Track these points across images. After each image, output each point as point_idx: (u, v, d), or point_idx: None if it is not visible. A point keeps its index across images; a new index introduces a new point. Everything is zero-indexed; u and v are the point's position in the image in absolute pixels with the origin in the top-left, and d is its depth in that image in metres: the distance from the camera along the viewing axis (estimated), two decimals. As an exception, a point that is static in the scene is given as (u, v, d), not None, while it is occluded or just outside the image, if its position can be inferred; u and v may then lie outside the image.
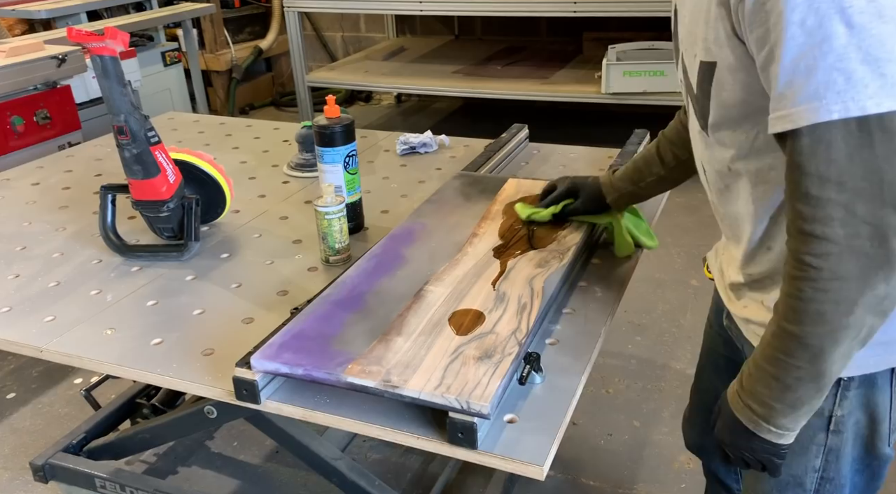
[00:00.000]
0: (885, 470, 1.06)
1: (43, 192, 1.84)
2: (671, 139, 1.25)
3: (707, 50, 0.85)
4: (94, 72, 1.36)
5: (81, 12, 3.79)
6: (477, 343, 1.03)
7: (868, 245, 0.74)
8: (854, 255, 0.75)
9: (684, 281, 2.90)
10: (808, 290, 0.78)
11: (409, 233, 1.39)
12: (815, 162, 0.74)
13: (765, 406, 0.87)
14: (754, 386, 0.87)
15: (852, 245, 0.75)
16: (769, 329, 0.85)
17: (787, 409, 0.85)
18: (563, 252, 1.28)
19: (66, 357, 1.19)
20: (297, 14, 4.35)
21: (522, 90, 4.02)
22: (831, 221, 0.74)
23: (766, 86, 0.79)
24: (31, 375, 2.54)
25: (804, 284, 0.78)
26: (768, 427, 0.88)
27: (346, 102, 5.48)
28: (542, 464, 0.89)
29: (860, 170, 0.72)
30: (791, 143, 0.75)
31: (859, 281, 0.75)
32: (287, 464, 2.08)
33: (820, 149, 0.73)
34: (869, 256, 0.75)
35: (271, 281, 1.37)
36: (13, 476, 2.08)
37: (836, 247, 0.75)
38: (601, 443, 2.12)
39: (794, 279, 0.79)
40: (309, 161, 1.85)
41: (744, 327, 1.06)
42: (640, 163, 1.30)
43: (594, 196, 1.35)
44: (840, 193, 0.73)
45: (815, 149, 0.73)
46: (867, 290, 0.76)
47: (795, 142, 0.75)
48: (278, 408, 1.03)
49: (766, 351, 0.85)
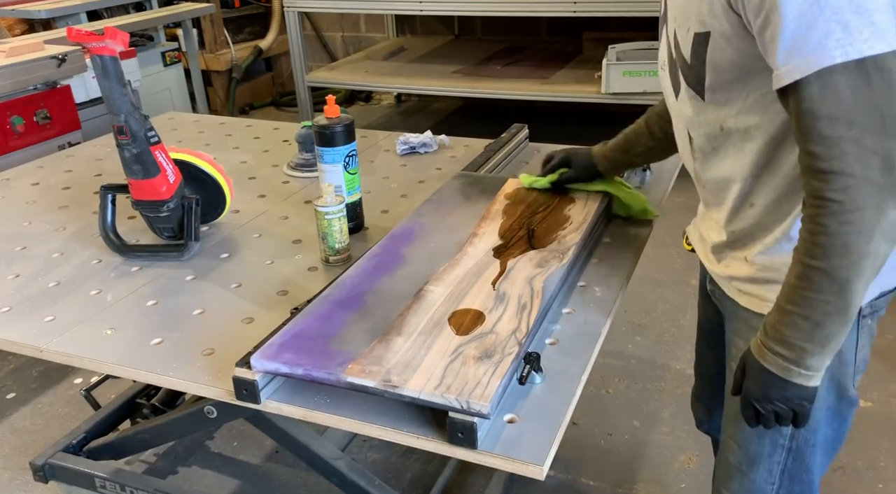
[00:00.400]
0: (851, 416, 1.15)
1: (43, 192, 1.84)
2: (661, 114, 1.33)
3: (701, 22, 0.94)
4: (94, 72, 1.36)
5: (81, 12, 3.79)
6: (477, 343, 1.03)
7: (879, 174, 0.82)
8: (868, 185, 0.82)
9: (684, 281, 2.90)
10: (833, 224, 0.84)
11: (409, 232, 1.39)
12: (825, 105, 0.82)
13: (795, 349, 0.91)
14: (782, 332, 0.92)
15: (866, 175, 0.82)
16: (791, 274, 0.91)
17: (817, 348, 0.90)
18: (563, 252, 1.28)
19: (66, 357, 1.19)
20: (297, 14, 4.35)
21: (522, 90, 4.02)
22: (845, 156, 0.82)
23: (761, 49, 0.88)
24: (31, 375, 2.54)
25: (828, 219, 0.84)
26: (799, 370, 0.92)
27: (346, 102, 5.48)
28: (542, 464, 0.89)
29: (864, 106, 0.81)
30: (799, 94, 0.84)
31: (875, 209, 0.83)
32: (287, 464, 2.08)
33: (828, 93, 0.82)
34: (880, 185, 0.82)
35: (271, 281, 1.37)
36: (13, 476, 2.08)
37: (853, 180, 0.83)
38: (601, 443, 2.12)
39: (817, 216, 0.85)
40: (309, 161, 1.85)
41: (726, 285, 1.15)
42: (631, 136, 1.41)
43: (587, 165, 1.47)
44: (850, 130, 0.82)
45: (823, 93, 0.82)
46: (882, 217, 0.83)
47: (804, 91, 0.83)
48: (278, 408, 1.03)
49: (791, 294, 0.91)
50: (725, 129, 1.01)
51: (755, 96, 0.95)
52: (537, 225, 1.39)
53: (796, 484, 1.16)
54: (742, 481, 1.20)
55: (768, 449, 1.14)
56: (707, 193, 1.14)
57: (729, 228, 1.10)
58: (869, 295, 1.03)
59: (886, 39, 0.80)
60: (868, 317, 1.07)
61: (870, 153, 0.82)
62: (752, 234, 1.06)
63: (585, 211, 1.43)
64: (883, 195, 0.83)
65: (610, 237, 1.45)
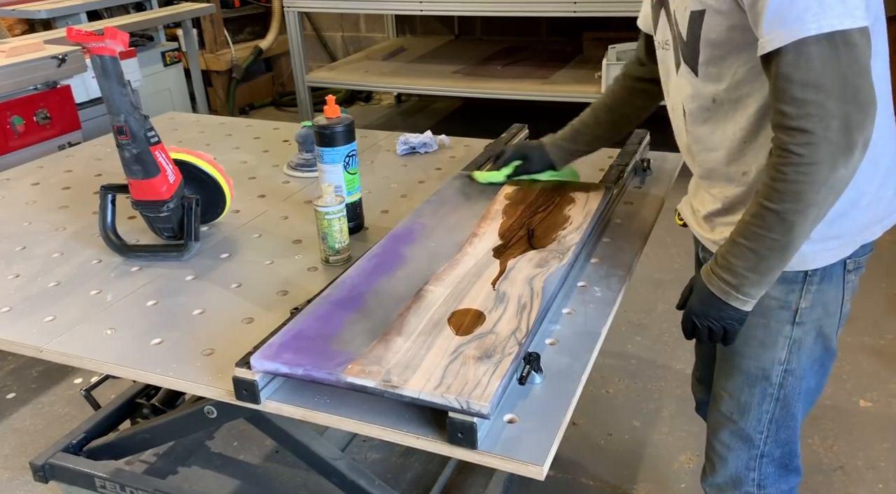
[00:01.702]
0: (831, 366, 1.26)
1: (43, 192, 1.84)
2: (609, 106, 1.48)
3: (698, 0, 1.04)
4: (93, 72, 1.36)
5: (81, 12, 3.79)
6: (477, 343, 1.03)
7: (836, 136, 0.94)
8: (827, 143, 0.94)
9: (684, 281, 2.86)
10: (791, 173, 0.96)
11: (409, 232, 1.39)
12: (798, 71, 0.93)
13: (738, 276, 1.05)
14: (730, 261, 1.05)
15: (826, 136, 0.94)
16: (747, 212, 1.04)
17: (757, 277, 1.04)
18: (563, 252, 1.28)
19: (66, 357, 1.19)
20: (297, 14, 4.35)
21: (522, 90, 4.02)
22: (811, 117, 0.94)
23: (752, 23, 0.97)
24: (31, 375, 2.54)
25: (788, 168, 0.96)
26: (737, 295, 1.07)
27: (346, 102, 5.47)
28: (541, 464, 0.89)
29: (830, 74, 0.92)
30: (778, 60, 0.95)
31: (829, 164, 0.95)
32: (287, 464, 2.08)
33: (801, 60, 0.93)
34: (836, 144, 0.94)
35: (271, 281, 1.37)
36: (13, 476, 2.08)
37: (815, 137, 0.94)
38: (601, 443, 2.12)
39: (780, 165, 0.97)
40: (309, 161, 1.85)
41: (713, 249, 1.19)
42: (579, 126, 1.52)
43: (541, 156, 1.55)
44: (817, 94, 0.93)
45: (798, 60, 0.93)
46: (832, 173, 0.95)
47: (782, 58, 0.94)
48: (278, 408, 1.03)
49: (744, 229, 1.03)
50: (717, 101, 1.11)
51: (744, 70, 1.05)
52: (537, 225, 1.39)
53: (783, 431, 1.27)
54: (733, 430, 1.29)
55: (758, 398, 1.24)
56: (699, 167, 1.22)
57: (723, 195, 1.17)
58: (851, 251, 1.14)
59: (854, 17, 0.91)
60: (852, 272, 1.17)
61: (831, 116, 0.93)
62: (744, 202, 1.12)
63: (585, 211, 1.44)
64: (837, 154, 0.94)
65: (610, 237, 1.45)
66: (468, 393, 0.92)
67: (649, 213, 1.56)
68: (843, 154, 0.94)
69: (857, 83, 0.93)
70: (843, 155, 0.94)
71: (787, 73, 0.94)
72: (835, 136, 0.94)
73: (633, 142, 1.82)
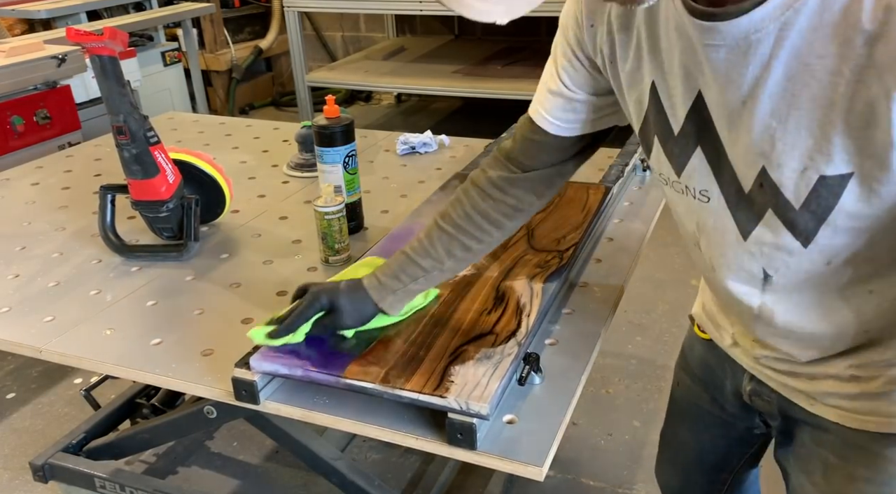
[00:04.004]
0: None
1: (43, 192, 1.84)
2: (459, 231, 1.04)
3: (841, 161, 0.71)
4: (93, 72, 1.36)
5: (81, 12, 3.78)
6: (476, 343, 1.03)
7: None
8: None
9: (684, 281, 2.90)
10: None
11: (409, 233, 1.39)
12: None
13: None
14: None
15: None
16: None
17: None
18: (562, 252, 1.28)
19: (66, 357, 1.19)
20: (297, 14, 4.35)
21: (522, 90, 4.02)
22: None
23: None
24: (31, 375, 2.54)
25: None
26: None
27: (346, 102, 5.47)
28: (541, 465, 0.89)
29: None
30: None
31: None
32: (287, 464, 2.08)
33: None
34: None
35: (271, 281, 1.37)
36: (13, 476, 2.08)
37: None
38: (601, 443, 2.12)
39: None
40: (309, 161, 1.85)
41: (804, 400, 0.96)
42: (421, 257, 1.05)
43: (360, 303, 1.05)
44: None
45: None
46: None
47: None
48: (277, 409, 1.03)
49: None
50: (834, 264, 0.81)
51: (888, 224, 0.75)
52: (537, 225, 1.39)
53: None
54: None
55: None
56: (774, 328, 0.91)
57: (822, 354, 0.90)
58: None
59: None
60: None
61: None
62: (864, 352, 0.88)
63: (585, 211, 1.43)
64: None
65: (610, 237, 1.45)
66: (467, 394, 0.92)
67: (649, 213, 1.56)
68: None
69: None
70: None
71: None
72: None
73: (632, 142, 1.82)
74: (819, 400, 0.94)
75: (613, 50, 0.87)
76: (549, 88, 0.98)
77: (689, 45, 0.76)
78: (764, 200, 0.78)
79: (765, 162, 0.76)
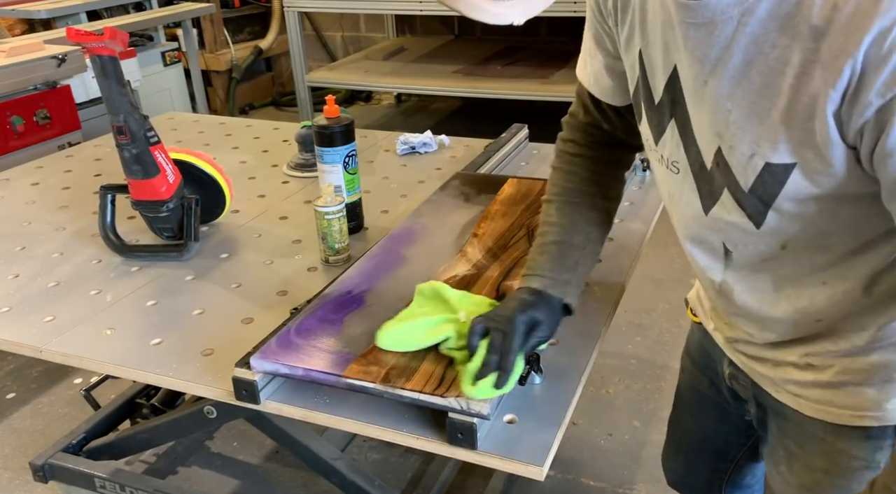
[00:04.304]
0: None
1: (43, 192, 1.84)
2: (585, 193, 1.08)
3: (786, 151, 0.73)
4: (93, 72, 1.36)
5: (81, 12, 3.78)
6: (477, 343, 1.03)
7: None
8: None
9: (684, 281, 2.90)
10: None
11: (409, 232, 1.39)
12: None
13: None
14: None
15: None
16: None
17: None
18: (562, 252, 1.28)
19: (66, 357, 1.19)
20: (297, 14, 4.35)
21: (522, 90, 4.02)
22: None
23: (872, 167, 0.70)
24: (31, 375, 2.54)
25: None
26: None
27: (346, 102, 5.47)
28: (541, 465, 0.89)
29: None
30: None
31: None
32: (287, 464, 2.08)
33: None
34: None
35: (271, 281, 1.37)
36: (13, 476, 2.08)
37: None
38: (601, 443, 2.12)
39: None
40: (309, 161, 1.85)
41: (769, 384, 0.99)
42: (564, 244, 1.05)
43: (548, 309, 1.01)
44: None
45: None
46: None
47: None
48: (278, 409, 1.03)
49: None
50: (789, 249, 0.83)
51: (837, 214, 0.77)
52: (537, 225, 1.39)
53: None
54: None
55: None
56: (735, 307, 0.95)
57: (784, 338, 0.93)
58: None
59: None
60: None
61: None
62: (818, 341, 0.90)
63: (585, 211, 1.43)
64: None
65: (610, 237, 1.45)
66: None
67: (649, 213, 1.56)
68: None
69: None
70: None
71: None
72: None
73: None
74: (782, 387, 0.96)
75: (617, 15, 0.92)
76: (587, 50, 1.06)
77: (669, 20, 0.80)
78: (721, 179, 0.81)
79: (720, 142, 0.79)
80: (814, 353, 0.91)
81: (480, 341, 0.95)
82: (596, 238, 1.08)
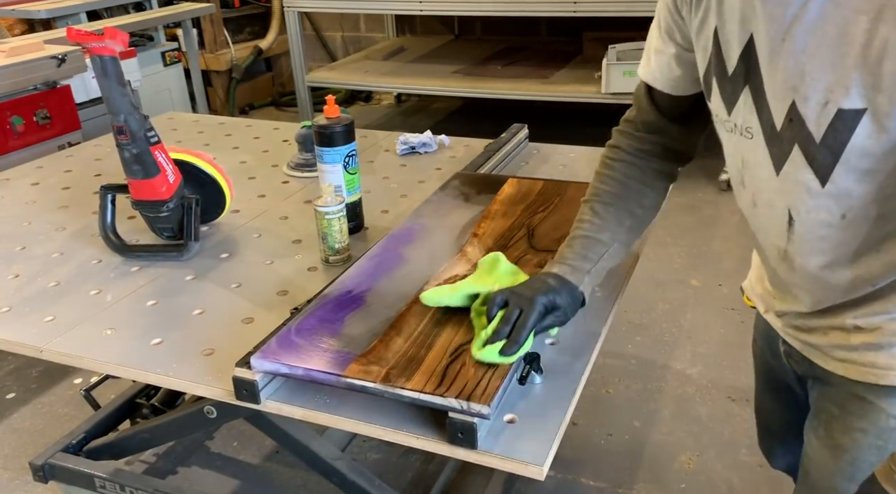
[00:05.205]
0: None
1: (43, 192, 1.84)
2: (620, 195, 1.12)
3: (858, 96, 0.78)
4: (93, 72, 1.36)
5: (81, 12, 3.79)
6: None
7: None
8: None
9: (684, 281, 2.90)
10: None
11: (409, 232, 1.39)
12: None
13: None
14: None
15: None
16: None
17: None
18: (563, 252, 1.28)
19: (66, 357, 1.19)
20: (297, 14, 4.35)
21: (522, 90, 4.02)
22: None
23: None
24: (31, 375, 2.54)
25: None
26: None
27: (346, 102, 5.47)
28: (542, 464, 0.89)
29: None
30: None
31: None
32: (287, 464, 2.08)
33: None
34: None
35: (271, 281, 1.37)
36: (13, 476, 2.08)
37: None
38: (601, 443, 2.12)
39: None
40: (309, 161, 1.85)
41: (818, 355, 1.03)
42: (591, 238, 1.10)
43: (569, 293, 1.05)
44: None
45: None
46: None
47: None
48: (278, 408, 1.03)
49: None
50: (849, 218, 0.88)
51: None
52: (537, 225, 1.39)
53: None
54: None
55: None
56: (795, 274, 0.99)
57: (831, 303, 0.98)
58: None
59: None
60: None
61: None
62: (868, 304, 0.95)
63: (585, 211, 1.43)
64: None
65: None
66: (468, 394, 0.92)
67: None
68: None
69: None
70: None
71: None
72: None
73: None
74: (829, 355, 1.01)
75: (692, 4, 0.97)
76: (654, 48, 1.09)
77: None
78: (791, 135, 0.86)
79: (795, 96, 0.84)
80: (863, 315, 0.95)
81: (498, 312, 1.01)
82: (622, 240, 1.12)
